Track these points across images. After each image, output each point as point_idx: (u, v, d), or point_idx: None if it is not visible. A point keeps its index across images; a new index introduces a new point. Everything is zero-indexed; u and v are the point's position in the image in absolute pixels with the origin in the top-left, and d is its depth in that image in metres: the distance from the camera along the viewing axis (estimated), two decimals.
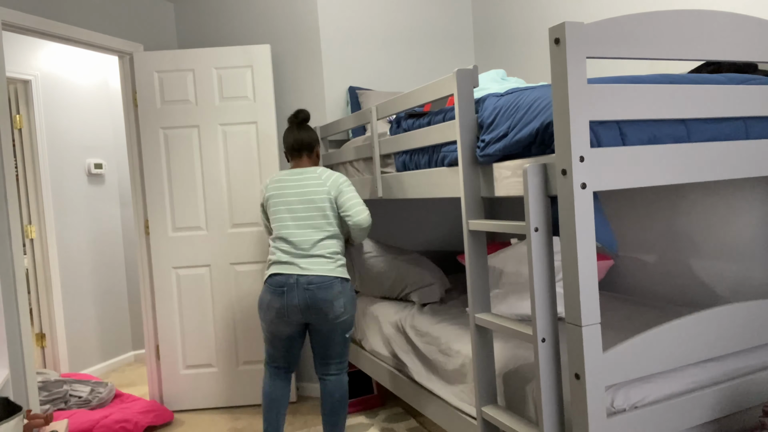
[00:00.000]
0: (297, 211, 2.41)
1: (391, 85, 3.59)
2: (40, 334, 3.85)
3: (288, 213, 2.42)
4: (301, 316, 2.36)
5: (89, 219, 4.11)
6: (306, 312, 2.34)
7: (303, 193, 2.42)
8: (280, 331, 2.41)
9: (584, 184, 1.36)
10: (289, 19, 3.40)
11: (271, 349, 2.48)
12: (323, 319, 2.35)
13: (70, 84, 4.01)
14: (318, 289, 2.32)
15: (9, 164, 2.59)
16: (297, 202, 2.42)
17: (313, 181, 2.43)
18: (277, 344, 2.46)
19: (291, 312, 2.35)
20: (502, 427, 1.71)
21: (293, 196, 2.43)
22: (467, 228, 1.81)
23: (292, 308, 2.34)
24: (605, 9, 2.75)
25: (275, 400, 2.48)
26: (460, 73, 1.79)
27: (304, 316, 2.36)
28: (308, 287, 2.32)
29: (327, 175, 2.44)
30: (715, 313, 1.58)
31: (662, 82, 1.52)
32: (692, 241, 2.40)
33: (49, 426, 2.15)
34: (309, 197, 2.41)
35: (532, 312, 1.51)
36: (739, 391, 1.62)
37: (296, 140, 2.53)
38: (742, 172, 1.58)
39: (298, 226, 2.40)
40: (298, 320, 2.38)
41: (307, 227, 2.40)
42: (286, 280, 2.34)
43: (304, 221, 2.40)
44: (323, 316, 2.35)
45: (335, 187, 2.42)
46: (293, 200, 2.42)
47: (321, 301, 2.33)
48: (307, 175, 2.45)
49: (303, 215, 2.40)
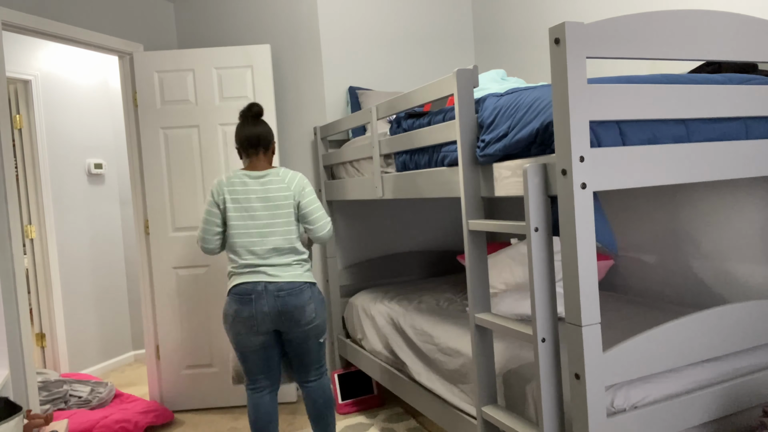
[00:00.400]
0: (262, 218, 2.30)
1: (391, 85, 3.59)
2: (40, 334, 3.85)
3: (251, 220, 2.29)
4: (271, 324, 2.27)
5: (89, 219, 4.11)
6: (277, 319, 2.26)
7: (267, 198, 2.30)
8: (251, 343, 2.29)
9: (584, 184, 1.36)
10: (289, 19, 3.40)
11: (246, 366, 2.35)
12: (295, 325, 2.27)
13: (70, 84, 4.01)
14: (289, 296, 2.24)
15: (9, 164, 2.59)
16: (262, 208, 2.30)
17: (277, 185, 2.32)
18: (252, 358, 2.32)
19: (261, 320, 2.25)
20: (502, 427, 1.71)
21: (257, 202, 2.30)
22: (467, 228, 1.81)
23: (262, 316, 2.24)
24: (605, 9, 2.75)
25: (265, 426, 2.36)
26: (460, 73, 1.79)
27: (275, 324, 2.27)
28: (279, 294, 2.24)
29: (290, 177, 2.35)
30: (715, 313, 1.58)
31: (662, 82, 1.52)
32: (692, 241, 2.40)
33: (49, 426, 2.15)
34: (274, 203, 2.30)
35: (532, 312, 1.51)
36: (739, 391, 1.62)
37: (252, 134, 2.35)
38: (742, 172, 1.58)
39: (262, 234, 2.29)
40: (267, 329, 2.27)
41: (273, 234, 2.29)
42: (253, 287, 2.24)
43: (270, 228, 2.30)
44: (295, 323, 2.27)
45: (299, 191, 2.33)
46: (257, 206, 2.30)
47: (293, 307, 2.25)
48: (270, 178, 2.33)
49: (267, 222, 2.30)
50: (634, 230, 2.66)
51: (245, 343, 2.29)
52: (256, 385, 2.37)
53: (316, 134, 3.31)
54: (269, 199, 2.30)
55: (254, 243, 2.29)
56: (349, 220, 3.43)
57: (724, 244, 2.28)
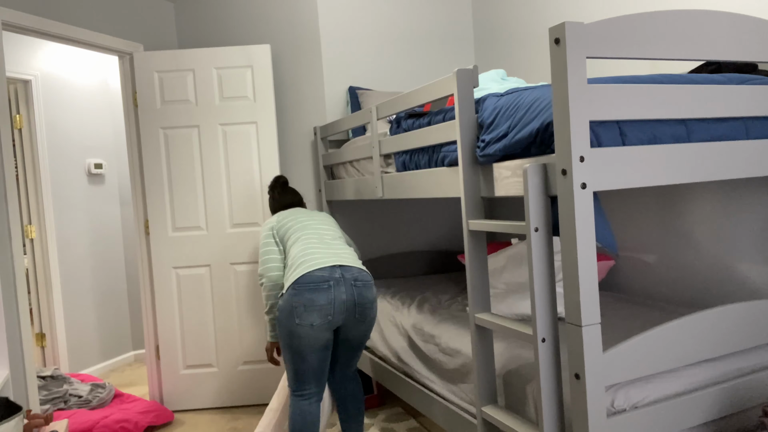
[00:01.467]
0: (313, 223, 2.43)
1: (391, 85, 3.59)
2: (40, 334, 3.85)
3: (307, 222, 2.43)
4: (344, 317, 2.19)
5: (89, 219, 4.11)
6: (349, 312, 2.19)
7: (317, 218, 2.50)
8: (317, 339, 2.15)
9: (584, 184, 1.36)
10: (289, 19, 3.40)
11: (302, 367, 2.19)
12: (362, 321, 2.23)
13: (70, 84, 4.01)
14: (364, 287, 2.22)
15: (9, 164, 2.59)
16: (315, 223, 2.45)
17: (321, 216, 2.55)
18: (311, 359, 2.17)
19: (337, 311, 2.15)
20: (502, 427, 1.71)
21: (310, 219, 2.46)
22: (467, 228, 1.81)
23: (339, 305, 2.15)
24: (605, 9, 2.75)
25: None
26: (460, 73, 1.79)
27: (346, 317, 2.19)
28: (355, 284, 2.19)
29: None
30: (715, 313, 1.58)
31: (662, 82, 1.52)
32: (692, 241, 2.40)
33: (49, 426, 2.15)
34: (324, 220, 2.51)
35: (532, 312, 1.51)
36: (739, 391, 1.62)
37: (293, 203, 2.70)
38: (742, 172, 1.58)
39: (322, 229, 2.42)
40: (337, 322, 2.19)
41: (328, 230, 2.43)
42: (330, 274, 2.16)
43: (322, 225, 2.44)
44: (362, 318, 2.23)
45: None
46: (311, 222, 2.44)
47: (367, 300, 2.22)
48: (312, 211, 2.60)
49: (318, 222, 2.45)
50: (635, 230, 2.66)
51: (311, 340, 2.14)
52: (305, 391, 2.23)
53: (316, 134, 3.31)
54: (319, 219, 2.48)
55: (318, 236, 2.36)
56: (349, 220, 3.43)
57: (724, 244, 2.28)
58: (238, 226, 3.30)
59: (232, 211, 3.30)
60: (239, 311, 3.32)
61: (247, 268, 3.31)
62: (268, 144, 3.27)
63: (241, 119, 3.27)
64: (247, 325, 3.33)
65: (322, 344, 2.18)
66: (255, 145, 3.28)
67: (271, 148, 3.28)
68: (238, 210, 3.29)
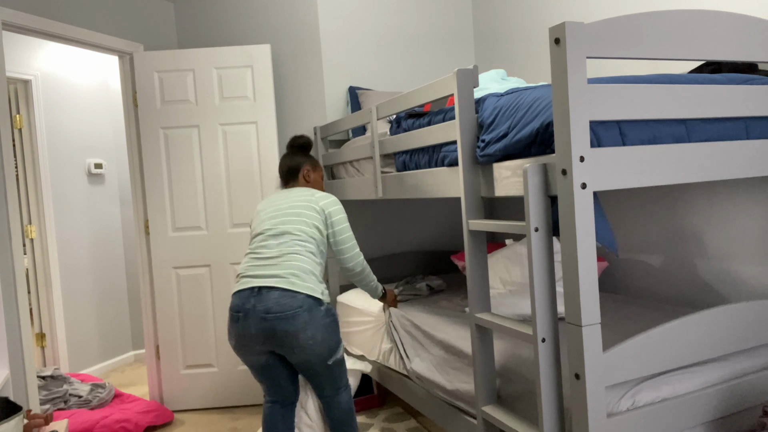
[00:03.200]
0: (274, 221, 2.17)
1: (391, 85, 3.59)
2: (40, 334, 3.85)
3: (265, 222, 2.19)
4: (266, 346, 2.05)
5: (89, 219, 4.11)
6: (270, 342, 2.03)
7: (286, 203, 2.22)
8: (249, 360, 2.13)
9: (584, 184, 1.35)
10: (289, 19, 3.40)
11: (256, 379, 2.22)
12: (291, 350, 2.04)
13: (70, 84, 4.01)
14: (277, 320, 1.99)
15: (9, 164, 2.59)
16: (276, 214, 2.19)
17: (301, 194, 2.26)
18: (255, 374, 2.19)
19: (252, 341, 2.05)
20: (502, 427, 1.71)
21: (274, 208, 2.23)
22: (467, 228, 1.81)
23: (250, 337, 2.04)
24: (605, 9, 2.75)
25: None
26: (460, 73, 1.79)
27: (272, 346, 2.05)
28: (266, 317, 1.99)
29: (320, 194, 2.28)
30: (715, 313, 1.58)
31: (662, 82, 1.52)
32: (692, 241, 2.40)
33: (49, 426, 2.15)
34: (292, 207, 2.20)
35: (532, 312, 1.51)
36: (739, 392, 1.62)
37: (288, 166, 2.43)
38: (742, 172, 1.58)
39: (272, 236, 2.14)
40: (263, 349, 2.07)
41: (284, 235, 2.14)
42: (242, 303, 2.03)
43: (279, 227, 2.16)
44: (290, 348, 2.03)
45: (322, 204, 2.24)
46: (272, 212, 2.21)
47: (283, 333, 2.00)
48: (296, 190, 2.30)
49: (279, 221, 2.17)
50: (635, 230, 2.66)
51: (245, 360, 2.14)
52: (268, 398, 2.26)
53: (316, 134, 3.31)
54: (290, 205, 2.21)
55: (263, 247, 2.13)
56: (348, 220, 3.43)
57: (724, 244, 2.28)
58: (238, 226, 3.30)
59: (232, 211, 3.30)
60: None
61: None
62: (268, 144, 3.27)
63: (241, 119, 3.27)
64: None
65: (260, 365, 2.12)
66: (255, 145, 3.28)
67: (271, 148, 3.28)
68: (238, 210, 3.29)
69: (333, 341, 2.10)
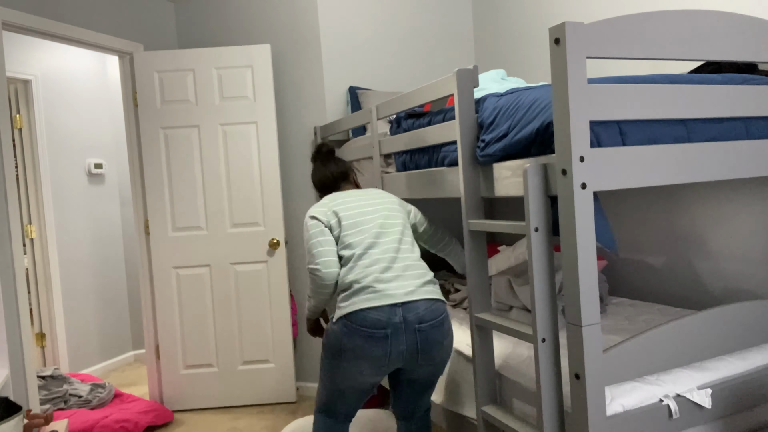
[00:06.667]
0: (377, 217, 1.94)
1: (391, 85, 3.59)
2: (40, 334, 3.85)
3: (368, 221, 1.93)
4: (402, 364, 1.81)
5: (89, 219, 4.11)
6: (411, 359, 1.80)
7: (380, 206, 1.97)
8: (363, 384, 1.84)
9: (584, 184, 1.35)
10: (289, 19, 3.40)
11: (336, 401, 1.91)
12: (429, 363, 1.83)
13: (70, 84, 4.01)
14: (432, 329, 1.78)
15: (9, 164, 2.59)
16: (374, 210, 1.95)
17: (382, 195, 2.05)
18: (350, 398, 1.89)
19: (394, 360, 1.78)
20: (502, 427, 1.71)
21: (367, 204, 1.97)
22: (467, 228, 1.81)
23: (396, 356, 1.77)
24: (605, 9, 2.75)
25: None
26: (460, 73, 1.79)
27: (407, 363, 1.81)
28: (420, 328, 1.76)
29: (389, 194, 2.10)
30: (715, 313, 1.58)
31: (662, 82, 1.52)
32: (692, 242, 2.40)
33: (49, 426, 2.15)
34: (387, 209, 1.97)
35: (532, 312, 1.51)
36: (738, 392, 1.62)
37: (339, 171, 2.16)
38: (742, 172, 1.58)
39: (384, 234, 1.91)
40: (394, 368, 1.84)
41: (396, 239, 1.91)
42: (388, 318, 1.75)
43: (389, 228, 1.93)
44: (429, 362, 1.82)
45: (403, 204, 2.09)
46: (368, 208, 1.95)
47: (434, 344, 1.80)
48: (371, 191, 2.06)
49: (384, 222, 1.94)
50: (635, 230, 2.66)
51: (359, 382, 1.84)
52: (331, 413, 1.96)
53: (316, 134, 3.30)
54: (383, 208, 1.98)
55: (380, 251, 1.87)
56: None
57: (724, 245, 2.28)
58: (238, 226, 3.30)
59: (232, 211, 3.30)
60: (239, 311, 3.32)
61: (247, 268, 3.31)
62: (268, 144, 3.27)
63: (241, 119, 3.27)
64: (247, 325, 3.33)
65: (368, 387, 1.88)
66: (255, 145, 3.28)
67: (271, 148, 3.28)
68: (238, 210, 3.29)
69: None
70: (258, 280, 3.32)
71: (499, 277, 2.36)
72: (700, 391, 1.55)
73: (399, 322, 1.74)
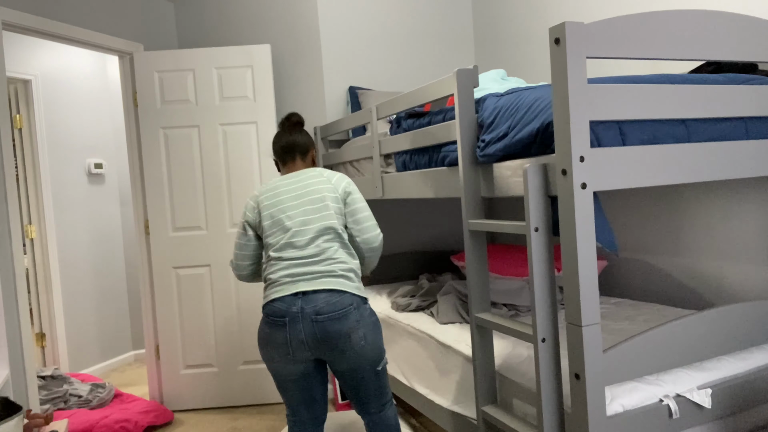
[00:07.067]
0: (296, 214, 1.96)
1: (391, 85, 3.58)
2: (40, 334, 3.85)
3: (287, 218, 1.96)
4: (311, 353, 1.89)
5: (89, 219, 4.11)
6: (317, 348, 1.87)
7: (303, 192, 1.98)
8: (288, 372, 1.93)
9: (584, 184, 1.36)
10: (289, 19, 3.40)
11: (285, 397, 2.00)
12: (341, 353, 1.88)
13: (70, 84, 4.01)
14: (329, 321, 1.85)
15: (9, 164, 2.59)
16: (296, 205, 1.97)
17: (315, 179, 2.02)
18: (290, 388, 1.97)
19: (297, 348, 1.88)
20: (502, 427, 1.71)
21: (290, 198, 1.99)
22: (467, 228, 1.81)
23: (297, 344, 1.87)
24: (605, 9, 2.75)
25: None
26: (460, 73, 1.79)
27: (318, 352, 1.89)
28: (317, 319, 1.84)
29: (330, 174, 2.05)
30: (715, 313, 1.58)
31: (662, 82, 1.52)
32: (692, 242, 2.40)
33: (49, 426, 2.15)
34: (311, 196, 1.97)
35: (532, 312, 1.51)
36: (738, 392, 1.62)
37: (288, 142, 2.13)
38: (742, 172, 1.58)
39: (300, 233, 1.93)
40: (307, 357, 1.91)
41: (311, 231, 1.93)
42: (287, 307, 1.86)
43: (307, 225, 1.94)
44: (340, 352, 1.87)
45: (341, 187, 2.01)
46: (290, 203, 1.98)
47: (334, 335, 1.85)
48: (306, 174, 2.04)
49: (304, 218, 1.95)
50: (634, 231, 2.66)
51: (281, 371, 1.94)
52: (296, 417, 2.03)
53: (316, 134, 3.31)
54: (306, 193, 1.98)
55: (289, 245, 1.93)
56: None
57: (724, 245, 2.28)
58: (238, 226, 3.30)
59: (232, 211, 3.30)
60: (239, 311, 3.32)
61: None
62: (268, 144, 3.27)
63: (241, 119, 3.27)
64: (247, 325, 3.33)
65: (298, 375, 1.94)
66: (255, 145, 3.28)
67: (271, 148, 3.27)
68: (238, 210, 3.29)
69: (381, 343, 1.96)
70: None
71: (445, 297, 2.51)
72: (700, 391, 1.55)
73: (296, 311, 1.86)
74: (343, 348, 1.86)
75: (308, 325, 1.85)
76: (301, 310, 1.85)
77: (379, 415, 2.02)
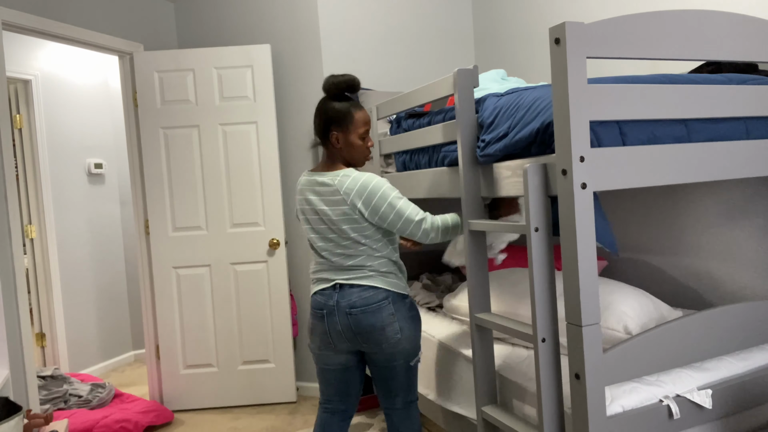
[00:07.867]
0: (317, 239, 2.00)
1: (391, 85, 3.58)
2: (40, 334, 3.85)
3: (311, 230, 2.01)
4: (350, 344, 1.95)
5: (89, 219, 4.11)
6: (355, 340, 1.93)
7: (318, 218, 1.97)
8: (330, 361, 2.01)
9: (584, 184, 1.35)
10: (289, 19, 3.40)
11: (323, 385, 2.08)
12: (375, 347, 1.92)
13: (70, 84, 4.01)
14: (362, 315, 1.89)
15: (9, 164, 2.59)
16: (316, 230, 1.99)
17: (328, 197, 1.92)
18: (329, 377, 2.04)
19: (337, 340, 1.95)
20: (502, 427, 1.71)
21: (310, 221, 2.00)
22: (467, 228, 1.81)
23: (336, 335, 1.94)
24: (605, 9, 2.75)
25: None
26: (460, 73, 1.79)
27: (356, 344, 1.94)
28: (350, 312, 1.90)
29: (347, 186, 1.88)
30: (715, 313, 1.58)
31: (662, 82, 1.52)
32: (692, 242, 2.40)
33: (49, 426, 2.15)
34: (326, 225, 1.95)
35: (532, 312, 1.51)
36: (738, 392, 1.62)
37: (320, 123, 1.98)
38: (742, 172, 1.58)
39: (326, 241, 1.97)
40: (348, 348, 1.97)
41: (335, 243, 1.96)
42: (325, 300, 1.94)
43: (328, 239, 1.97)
44: (374, 345, 1.92)
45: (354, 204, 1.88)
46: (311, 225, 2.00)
47: (367, 329, 1.89)
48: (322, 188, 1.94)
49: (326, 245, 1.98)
50: (634, 231, 2.66)
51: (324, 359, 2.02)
52: (329, 405, 2.09)
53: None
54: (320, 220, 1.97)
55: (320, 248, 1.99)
56: None
57: (724, 245, 2.28)
58: (238, 226, 3.30)
59: (232, 211, 3.30)
60: (239, 311, 3.32)
61: (247, 268, 3.31)
62: (268, 144, 3.27)
63: (241, 119, 3.27)
64: (247, 325, 3.33)
65: (339, 365, 2.02)
66: (255, 145, 3.28)
67: (271, 148, 3.28)
68: (238, 210, 3.29)
69: (418, 338, 1.99)
70: (258, 280, 3.32)
71: None
72: (700, 392, 1.55)
73: (333, 305, 1.94)
74: (378, 340, 1.91)
75: (343, 317, 1.92)
76: (336, 304, 1.93)
77: (405, 412, 2.07)
